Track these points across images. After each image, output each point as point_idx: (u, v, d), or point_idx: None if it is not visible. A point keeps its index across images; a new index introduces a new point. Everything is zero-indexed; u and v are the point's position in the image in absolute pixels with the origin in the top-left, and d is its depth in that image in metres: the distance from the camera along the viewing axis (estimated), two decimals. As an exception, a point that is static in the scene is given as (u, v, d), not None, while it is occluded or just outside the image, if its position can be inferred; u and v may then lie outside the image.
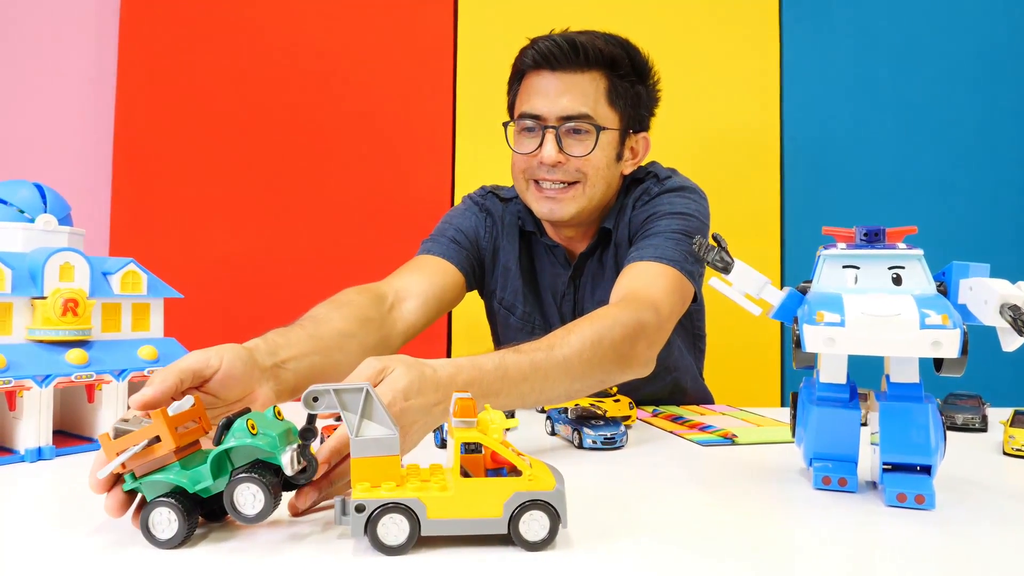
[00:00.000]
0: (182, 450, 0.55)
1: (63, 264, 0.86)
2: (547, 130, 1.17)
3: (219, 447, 0.55)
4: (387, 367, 0.69)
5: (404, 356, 0.73)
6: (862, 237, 0.74)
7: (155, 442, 0.54)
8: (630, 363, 0.98)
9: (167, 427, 0.54)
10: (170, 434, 0.54)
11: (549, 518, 0.55)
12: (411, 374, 0.69)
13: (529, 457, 0.60)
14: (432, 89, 1.91)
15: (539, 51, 1.18)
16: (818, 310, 0.68)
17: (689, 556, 0.56)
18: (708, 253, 0.77)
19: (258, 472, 0.54)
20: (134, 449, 0.53)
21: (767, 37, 1.92)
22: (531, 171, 1.21)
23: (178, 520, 0.53)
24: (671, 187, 1.24)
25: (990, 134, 1.89)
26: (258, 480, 0.54)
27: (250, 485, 0.54)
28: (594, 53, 1.17)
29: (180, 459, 0.55)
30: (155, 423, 0.54)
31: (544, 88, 1.18)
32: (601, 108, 1.19)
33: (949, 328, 0.64)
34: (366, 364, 0.69)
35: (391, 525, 0.54)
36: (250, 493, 0.54)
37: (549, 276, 1.33)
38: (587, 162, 1.18)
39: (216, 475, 0.55)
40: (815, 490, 0.74)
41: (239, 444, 0.55)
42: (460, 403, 0.57)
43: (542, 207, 1.22)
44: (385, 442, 0.56)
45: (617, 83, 1.20)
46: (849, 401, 0.75)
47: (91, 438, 0.87)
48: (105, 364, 0.86)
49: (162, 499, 0.54)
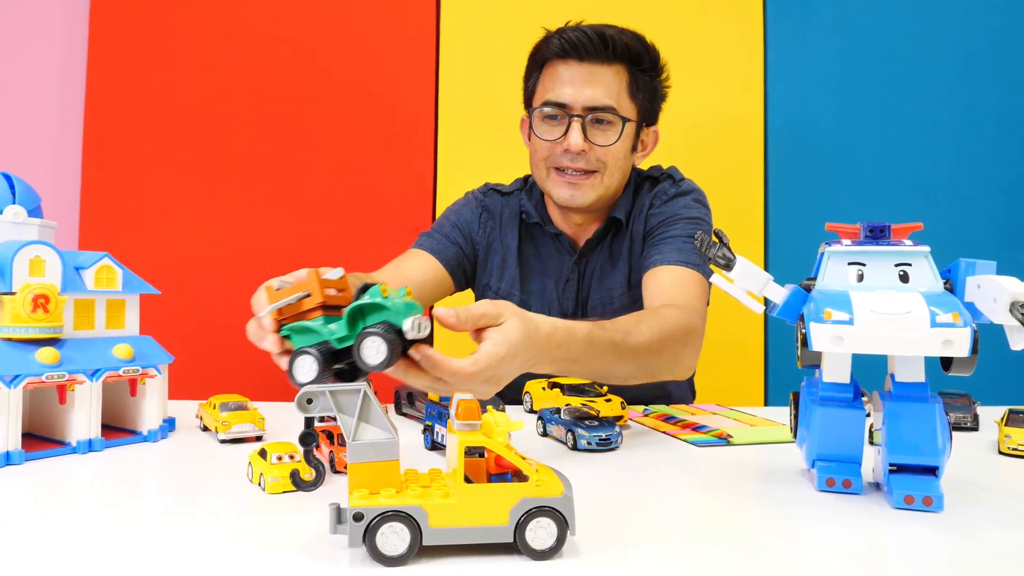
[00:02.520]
0: (328, 309, 0.62)
1: (33, 258, 0.81)
2: (573, 119, 1.20)
3: (355, 302, 0.62)
4: (502, 314, 0.72)
5: (512, 305, 0.75)
6: (867, 233, 0.72)
7: (305, 297, 0.63)
8: (680, 364, 1.04)
9: (318, 284, 0.62)
10: (319, 290, 0.62)
11: (557, 525, 0.53)
12: (524, 329, 0.72)
13: (534, 461, 0.58)
14: (414, 85, 1.87)
15: (568, 40, 1.20)
16: (825, 308, 0.66)
17: (700, 562, 0.54)
18: (710, 249, 0.75)
19: (383, 329, 0.60)
20: (288, 300, 0.63)
21: (751, 30, 1.91)
22: (553, 158, 1.24)
23: (317, 366, 0.60)
24: (686, 189, 1.29)
25: (974, 128, 1.89)
26: (382, 335, 0.59)
27: (375, 339, 0.60)
28: (621, 47, 1.20)
29: (324, 315, 0.62)
30: (308, 280, 0.63)
31: (571, 77, 1.21)
32: (623, 100, 1.22)
33: (960, 326, 0.63)
34: (480, 303, 0.72)
35: (391, 534, 0.51)
36: (375, 346, 0.60)
37: (553, 263, 1.34)
38: (608, 152, 1.22)
39: (350, 329, 0.61)
40: (819, 492, 0.72)
41: (371, 301, 0.61)
42: (463, 405, 0.54)
43: (563, 192, 1.24)
44: (384, 446, 0.53)
45: (638, 77, 1.24)
46: (853, 400, 0.74)
47: (63, 441, 0.83)
48: (77, 363, 0.82)
49: (306, 348, 0.61)
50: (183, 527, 0.60)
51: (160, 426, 0.90)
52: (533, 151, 1.28)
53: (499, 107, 1.88)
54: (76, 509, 0.66)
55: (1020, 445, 0.90)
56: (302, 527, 0.59)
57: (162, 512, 0.65)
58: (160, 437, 0.90)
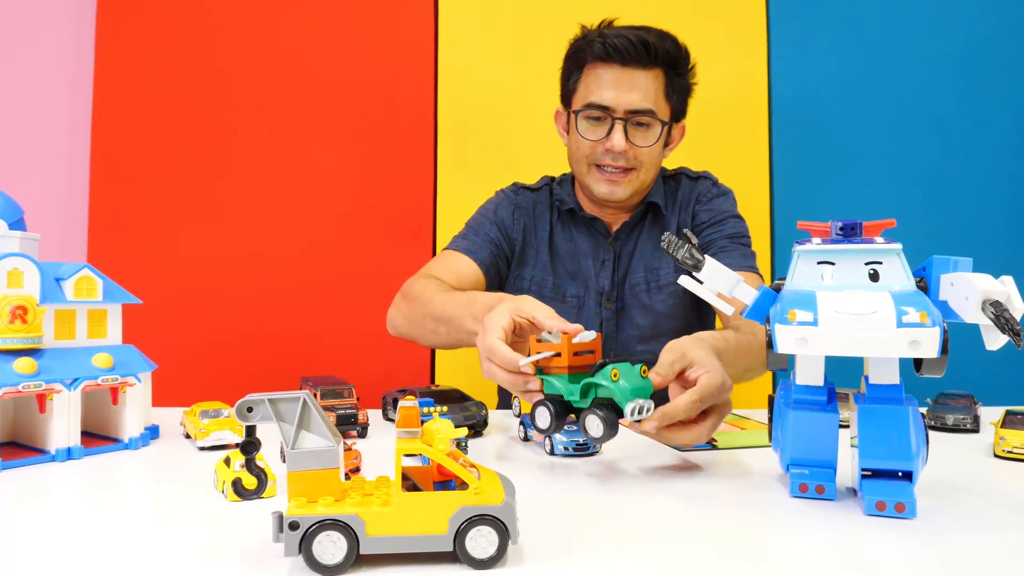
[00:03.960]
0: (574, 368, 0.74)
1: (11, 270, 0.83)
2: (616, 121, 1.28)
3: (587, 379, 0.73)
4: (684, 353, 0.82)
5: (689, 341, 0.85)
6: (838, 231, 0.70)
7: (556, 356, 0.75)
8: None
9: (568, 351, 0.74)
10: (567, 356, 0.74)
11: (498, 534, 0.52)
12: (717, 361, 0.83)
13: (481, 468, 0.57)
14: (413, 88, 1.87)
15: (611, 45, 1.27)
16: (790, 309, 0.64)
17: (647, 571, 0.52)
18: (678, 251, 0.73)
19: (604, 409, 0.71)
20: (544, 355, 0.76)
21: (754, 17, 1.90)
22: (595, 156, 1.32)
23: (550, 417, 0.75)
24: (725, 190, 1.43)
25: (983, 119, 1.85)
26: (601, 417, 0.71)
27: (595, 418, 0.72)
28: (661, 53, 1.28)
29: (570, 373, 0.74)
30: (563, 343, 0.75)
31: (613, 81, 1.28)
32: (660, 103, 1.30)
33: (928, 326, 0.61)
34: (667, 353, 0.82)
35: (328, 543, 0.51)
36: (595, 423, 0.72)
37: (588, 244, 1.41)
38: (646, 151, 1.31)
39: (582, 395, 0.73)
40: (792, 498, 0.70)
41: (599, 383, 0.73)
42: (403, 412, 0.54)
43: (603, 188, 1.33)
44: (323, 454, 0.53)
45: (673, 80, 1.32)
46: (827, 404, 0.72)
47: (43, 450, 0.84)
48: (56, 373, 0.83)
49: (547, 401, 0.75)
50: (135, 534, 0.60)
51: (141, 434, 0.91)
52: (575, 147, 1.35)
53: (498, 108, 1.88)
54: (45, 517, 0.66)
55: (1015, 448, 0.87)
56: (253, 536, 0.59)
57: (120, 519, 0.65)
58: (141, 445, 0.91)
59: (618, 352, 1.37)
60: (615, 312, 1.38)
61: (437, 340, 1.19)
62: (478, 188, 1.60)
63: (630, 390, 0.72)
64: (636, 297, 1.38)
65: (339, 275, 1.82)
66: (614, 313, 1.38)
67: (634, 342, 1.37)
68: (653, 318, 1.36)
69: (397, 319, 1.29)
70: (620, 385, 0.71)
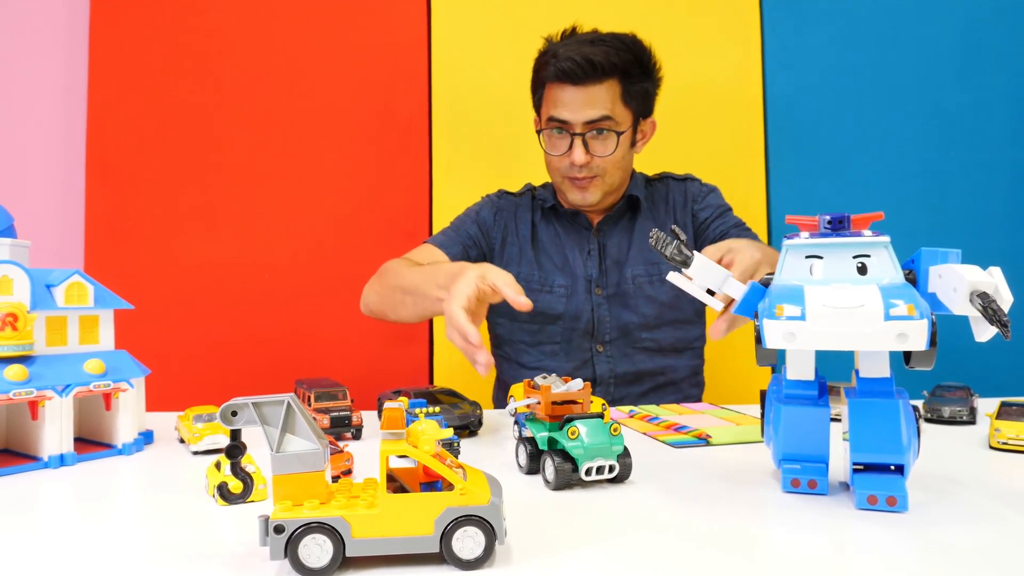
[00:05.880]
0: (553, 417, 0.76)
1: (1, 277, 0.83)
2: (575, 136, 1.35)
3: (548, 434, 0.76)
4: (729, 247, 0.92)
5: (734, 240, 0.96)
6: (826, 225, 0.70)
7: (537, 404, 0.79)
8: None
9: (545, 403, 0.77)
10: (545, 404, 0.77)
11: (484, 534, 0.52)
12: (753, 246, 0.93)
13: (468, 468, 0.57)
14: (407, 91, 1.87)
15: (560, 69, 1.34)
16: (778, 303, 0.64)
17: (636, 569, 0.52)
18: (667, 247, 0.73)
19: (559, 462, 0.73)
20: (528, 401, 0.80)
21: (748, 10, 1.89)
22: (564, 169, 1.41)
23: (525, 455, 0.79)
24: (712, 187, 1.53)
25: (980, 112, 1.85)
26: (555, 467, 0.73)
27: (550, 464, 0.74)
28: (609, 67, 1.33)
29: (549, 421, 0.76)
30: (542, 392, 0.77)
31: (567, 100, 1.36)
32: (618, 108, 1.36)
33: (916, 319, 0.60)
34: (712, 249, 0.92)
35: (313, 546, 0.50)
36: (551, 468, 0.73)
37: (574, 237, 1.49)
38: (608, 159, 1.38)
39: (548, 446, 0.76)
40: (784, 493, 0.70)
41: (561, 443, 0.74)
42: (387, 414, 0.53)
43: (575, 196, 1.43)
44: (308, 457, 0.52)
45: (629, 86, 1.37)
46: (818, 398, 0.72)
47: (36, 456, 0.84)
48: (47, 380, 0.83)
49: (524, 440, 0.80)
50: (126, 540, 0.60)
51: (135, 439, 0.91)
52: (547, 160, 1.44)
53: (492, 110, 1.87)
54: (37, 523, 0.66)
55: (1010, 439, 0.87)
56: (242, 540, 0.59)
57: (112, 525, 0.65)
58: (135, 450, 0.91)
59: (615, 337, 1.43)
60: (606, 298, 1.44)
61: (405, 312, 1.24)
62: (473, 190, 1.60)
63: (586, 449, 0.73)
64: (640, 288, 1.43)
65: (334, 278, 1.82)
66: (605, 299, 1.44)
67: (639, 330, 1.43)
68: (657, 308, 1.43)
69: (369, 296, 1.36)
70: (575, 443, 0.73)
